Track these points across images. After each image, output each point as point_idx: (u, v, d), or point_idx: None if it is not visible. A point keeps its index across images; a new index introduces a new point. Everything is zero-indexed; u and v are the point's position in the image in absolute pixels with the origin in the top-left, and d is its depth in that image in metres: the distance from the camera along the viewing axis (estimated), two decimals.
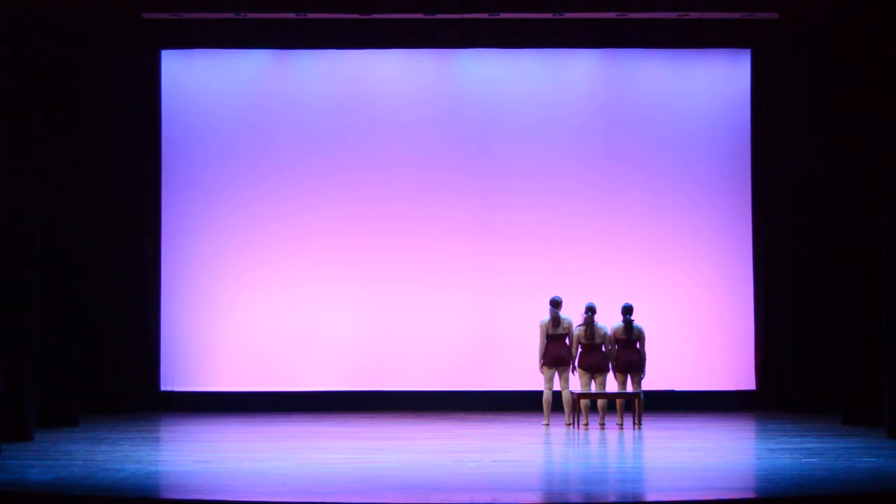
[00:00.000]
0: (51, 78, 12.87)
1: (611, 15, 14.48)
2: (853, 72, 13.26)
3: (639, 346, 13.04)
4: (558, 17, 14.52)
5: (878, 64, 12.78)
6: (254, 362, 14.99)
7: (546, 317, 13.04)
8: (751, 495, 8.73)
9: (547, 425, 13.05)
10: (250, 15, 14.44)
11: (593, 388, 13.00)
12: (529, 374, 13.55)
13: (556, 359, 13.00)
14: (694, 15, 14.49)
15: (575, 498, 8.74)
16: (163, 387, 14.96)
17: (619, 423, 12.84)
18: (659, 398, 14.37)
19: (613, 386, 13.20)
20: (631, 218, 15.11)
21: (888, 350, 11.84)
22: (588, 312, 12.95)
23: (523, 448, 11.38)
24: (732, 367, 15.04)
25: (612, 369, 13.03)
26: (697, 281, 15.09)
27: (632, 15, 14.47)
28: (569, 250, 15.06)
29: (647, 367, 13.09)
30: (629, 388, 13.01)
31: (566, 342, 13.04)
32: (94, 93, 14.48)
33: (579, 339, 12.99)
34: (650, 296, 14.65)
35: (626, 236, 15.09)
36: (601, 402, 13.02)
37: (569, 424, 13.00)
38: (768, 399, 14.98)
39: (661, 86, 15.20)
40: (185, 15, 14.47)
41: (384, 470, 9.76)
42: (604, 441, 11.91)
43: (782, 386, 14.91)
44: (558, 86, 15.24)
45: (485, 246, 15.10)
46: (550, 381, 13.15)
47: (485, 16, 14.53)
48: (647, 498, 8.70)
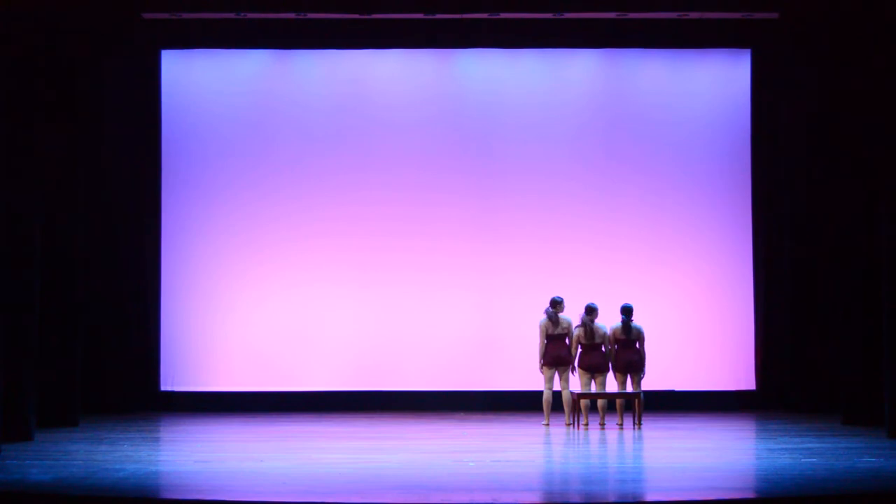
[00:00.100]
0: (51, 78, 12.87)
1: (611, 15, 14.48)
2: (853, 72, 13.25)
3: (638, 346, 13.04)
4: (558, 17, 14.52)
5: (878, 64, 12.78)
6: (254, 362, 14.99)
7: (543, 317, 13.05)
8: (751, 495, 8.73)
9: (547, 425, 13.05)
10: (250, 15, 14.44)
11: (593, 388, 13.00)
12: (529, 374, 13.55)
13: (556, 359, 13.00)
14: (694, 15, 14.50)
15: (575, 498, 8.73)
16: (163, 387, 14.96)
17: (619, 423, 12.84)
18: (659, 398, 14.36)
19: (613, 386, 13.19)
20: (631, 218, 15.11)
21: (888, 350, 11.83)
22: (586, 313, 12.96)
23: (523, 448, 11.38)
24: (732, 367, 15.04)
25: (612, 369, 13.03)
26: (697, 281, 15.09)
27: (632, 15, 14.47)
28: (569, 250, 15.06)
29: (647, 367, 13.09)
30: (629, 388, 13.01)
31: (566, 342, 13.04)
32: (94, 93, 14.48)
33: (579, 340, 13.00)
34: (650, 296, 14.65)
35: (626, 236, 15.09)
36: (601, 402, 13.02)
37: (569, 424, 13.00)
38: (768, 399, 14.98)
39: (661, 86, 15.20)
40: (185, 15, 14.48)
41: (384, 470, 9.76)
42: (604, 441, 11.91)
43: (782, 386, 14.91)
44: (558, 86, 15.24)
45: (485, 246, 15.10)
46: (550, 381, 13.15)
47: (485, 16, 14.53)
48: (647, 498, 8.70)
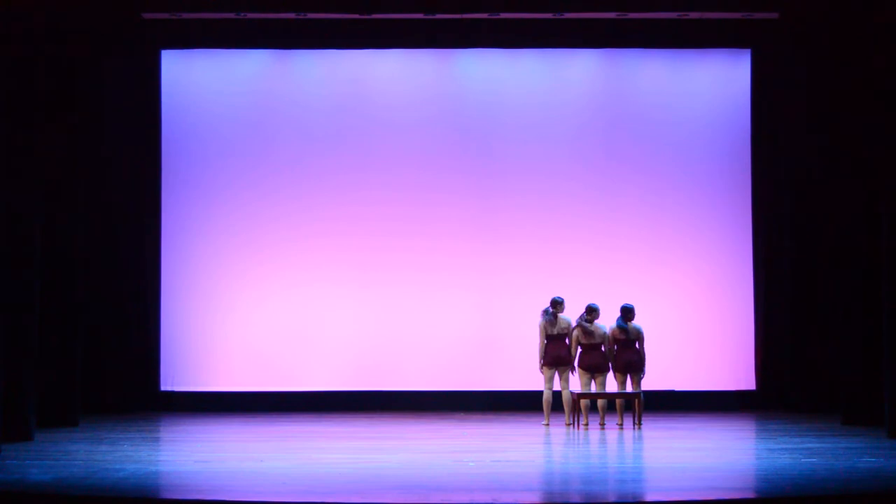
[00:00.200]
0: (51, 78, 12.86)
1: (611, 15, 14.48)
2: (853, 72, 13.25)
3: (638, 346, 13.04)
4: (558, 17, 14.53)
5: (878, 64, 12.77)
6: (254, 362, 14.99)
7: (541, 318, 13.05)
8: (751, 495, 8.73)
9: (547, 425, 13.05)
10: (250, 15, 14.45)
11: (593, 388, 13.00)
12: (529, 374, 13.55)
13: (556, 359, 13.00)
14: (694, 15, 14.50)
15: (575, 498, 8.73)
16: (163, 387, 14.96)
17: (619, 423, 12.83)
18: (659, 398, 14.36)
19: (613, 386, 13.19)
20: (631, 218, 15.11)
21: (888, 350, 11.83)
22: (587, 313, 12.96)
23: (523, 448, 11.37)
24: (732, 367, 15.04)
25: (612, 369, 13.03)
26: (697, 281, 15.09)
27: (632, 15, 14.47)
28: (569, 250, 15.06)
29: (647, 367, 13.08)
30: (629, 388, 13.01)
31: (566, 342, 13.04)
32: (94, 93, 14.49)
33: (578, 340, 13.00)
34: (650, 296, 14.65)
35: (626, 236, 15.09)
36: (601, 402, 13.02)
37: (569, 424, 13.00)
38: (768, 399, 14.98)
39: (661, 86, 15.20)
40: (185, 15, 14.48)
41: (384, 470, 9.76)
42: (604, 441, 11.91)
43: (782, 386, 14.91)
44: (558, 86, 15.24)
45: (485, 246, 15.10)
46: (550, 381, 13.15)
47: (485, 16, 14.54)
48: (647, 498, 8.69)
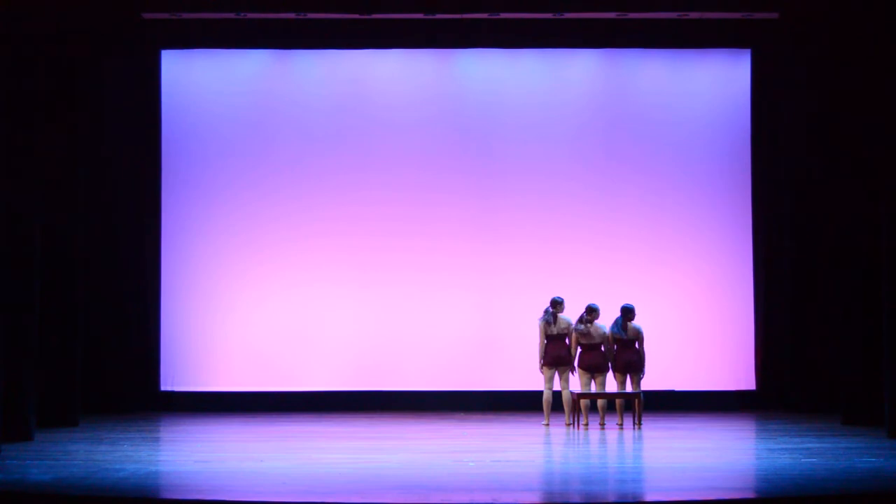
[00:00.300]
0: (51, 78, 12.87)
1: (611, 15, 14.48)
2: (853, 72, 13.26)
3: (638, 346, 13.03)
4: (558, 17, 14.52)
5: (878, 64, 12.78)
6: (254, 362, 14.99)
7: (542, 317, 13.05)
8: (751, 495, 8.73)
9: (547, 425, 13.04)
10: (250, 15, 14.45)
11: (593, 388, 13.00)
12: (529, 374, 13.55)
13: (556, 359, 13.00)
14: (694, 15, 14.50)
15: (575, 498, 8.73)
16: (163, 387, 14.96)
17: (619, 423, 12.83)
18: (659, 398, 14.36)
19: (613, 386, 13.19)
20: (631, 218, 15.10)
21: (888, 350, 11.83)
22: (586, 312, 12.96)
23: (523, 448, 11.37)
24: (732, 367, 15.04)
25: (612, 369, 13.02)
26: (697, 281, 15.09)
27: (632, 15, 14.47)
28: (569, 250, 15.06)
29: (647, 367, 13.08)
30: (628, 388, 13.00)
31: (566, 342, 13.04)
32: (94, 93, 14.48)
33: (578, 340, 13.00)
34: (650, 296, 14.65)
35: (626, 236, 15.09)
36: (601, 402, 13.01)
37: (569, 424, 13.00)
38: (768, 399, 14.97)
39: (661, 86, 15.20)
40: (185, 15, 14.48)
41: (384, 470, 9.76)
42: (604, 441, 11.91)
43: (782, 386, 14.91)
44: (558, 86, 15.23)
45: (485, 246, 15.10)
46: (550, 381, 13.14)
47: (485, 16, 14.54)
48: (647, 498, 8.69)
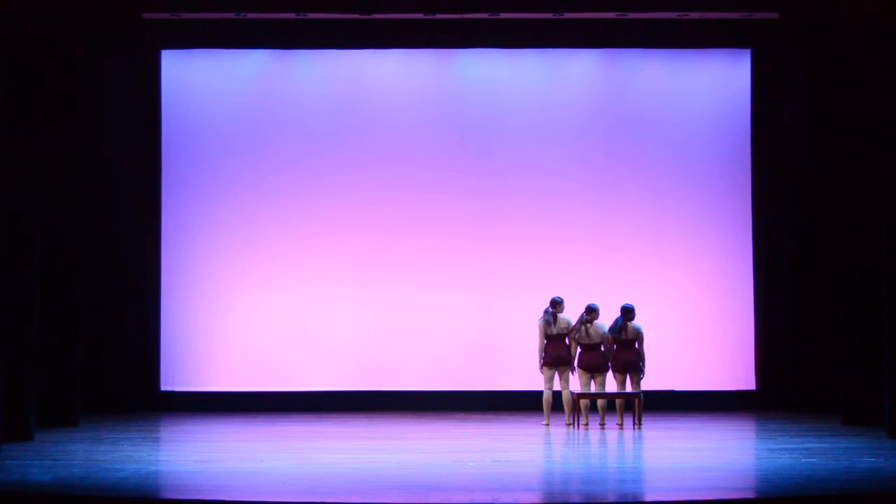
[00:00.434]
0: (51, 78, 12.88)
1: (611, 15, 14.48)
2: (853, 72, 13.27)
3: (637, 346, 13.03)
4: (558, 17, 14.53)
5: (878, 64, 12.78)
6: (254, 362, 14.99)
7: (542, 317, 13.05)
8: (751, 495, 8.73)
9: (547, 425, 13.04)
10: (250, 15, 14.45)
11: (593, 388, 13.00)
12: (529, 374, 13.54)
13: (556, 359, 12.99)
14: (694, 15, 14.50)
15: (575, 498, 8.73)
16: (163, 387, 14.96)
17: (619, 423, 12.83)
18: (659, 398, 14.36)
19: (613, 386, 13.19)
20: (631, 218, 15.10)
21: (888, 350, 11.83)
22: (586, 312, 12.95)
23: (523, 448, 11.37)
24: (732, 367, 15.04)
25: (611, 369, 13.02)
26: (697, 281, 15.09)
27: (632, 15, 14.47)
28: (569, 250, 15.06)
29: (647, 367, 13.08)
30: (628, 388, 13.00)
31: (566, 342, 13.04)
32: (94, 93, 14.48)
33: (578, 340, 12.99)
34: (650, 296, 14.65)
35: (626, 236, 15.09)
36: (601, 402, 13.01)
37: (569, 424, 12.99)
38: (768, 399, 14.97)
39: (661, 86, 15.20)
40: (185, 15, 14.48)
41: (384, 470, 9.75)
42: (604, 441, 11.91)
43: (782, 386, 14.91)
44: (558, 86, 15.23)
45: (485, 246, 15.10)
46: (550, 381, 13.14)
47: (485, 16, 14.54)
48: (647, 498, 8.69)
